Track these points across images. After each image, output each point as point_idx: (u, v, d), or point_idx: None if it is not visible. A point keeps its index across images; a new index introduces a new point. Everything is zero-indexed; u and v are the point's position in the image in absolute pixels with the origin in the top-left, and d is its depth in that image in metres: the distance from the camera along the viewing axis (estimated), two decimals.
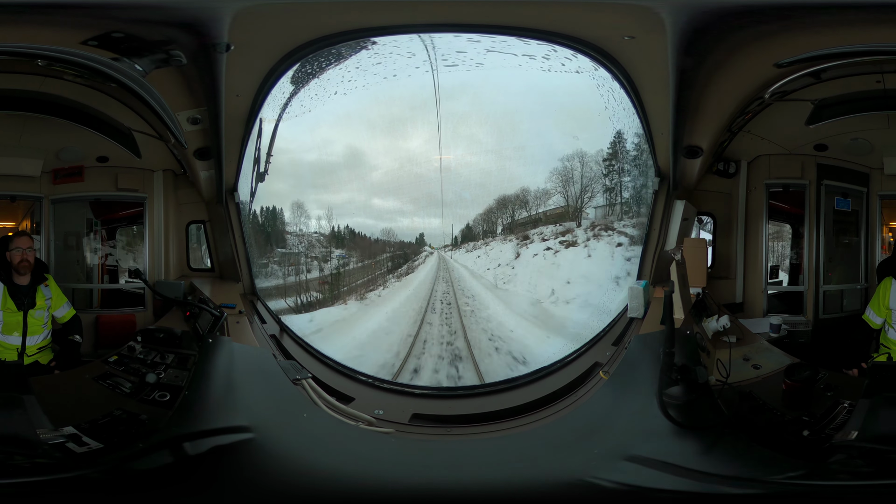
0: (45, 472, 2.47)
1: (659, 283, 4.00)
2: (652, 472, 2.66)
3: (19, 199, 3.93)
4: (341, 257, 6.26)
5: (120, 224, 4.31)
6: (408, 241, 6.36)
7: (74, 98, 3.67)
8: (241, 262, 4.30)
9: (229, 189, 4.10)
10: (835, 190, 4.01)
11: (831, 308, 4.09)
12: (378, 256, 6.47)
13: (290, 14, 3.22)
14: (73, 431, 2.72)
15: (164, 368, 3.26)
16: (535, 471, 2.81)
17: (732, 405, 3.09)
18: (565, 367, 3.95)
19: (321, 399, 3.23)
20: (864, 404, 2.79)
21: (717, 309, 3.86)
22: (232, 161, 3.97)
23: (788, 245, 4.32)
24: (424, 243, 6.47)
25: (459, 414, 3.64)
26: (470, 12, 3.42)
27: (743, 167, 4.09)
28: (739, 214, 4.15)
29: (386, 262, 6.54)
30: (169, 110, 3.37)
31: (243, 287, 4.33)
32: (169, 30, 3.00)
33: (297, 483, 2.58)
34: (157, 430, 2.79)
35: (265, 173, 4.22)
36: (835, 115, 3.77)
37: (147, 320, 4.05)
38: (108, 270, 4.29)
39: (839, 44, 3.08)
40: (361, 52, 3.99)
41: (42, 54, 3.01)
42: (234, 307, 3.83)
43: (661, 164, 4.01)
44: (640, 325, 3.80)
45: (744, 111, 3.73)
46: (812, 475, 2.56)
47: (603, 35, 3.49)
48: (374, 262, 6.45)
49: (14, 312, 3.55)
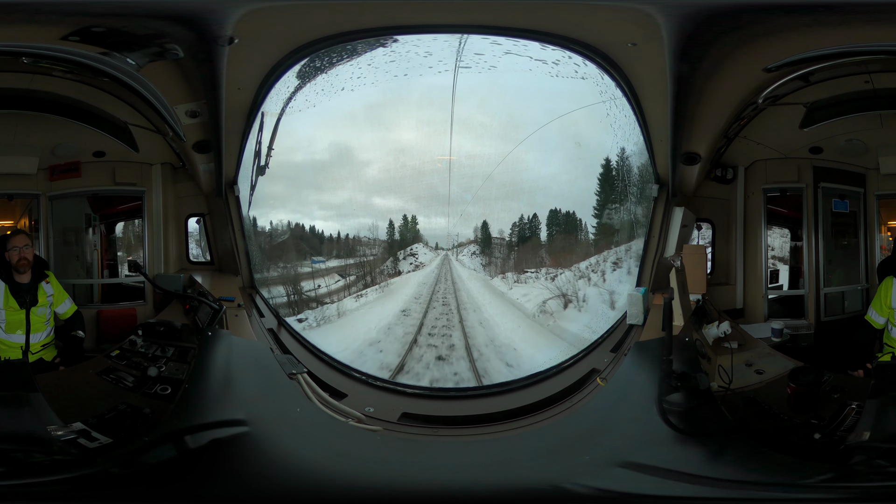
0: (65, 470, 2.53)
1: (658, 290, 3.98)
2: (649, 479, 2.66)
3: (16, 197, 3.93)
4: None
5: (119, 218, 4.30)
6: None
7: (67, 94, 3.68)
8: (240, 255, 4.30)
9: (229, 182, 4.12)
10: (832, 192, 4.04)
11: (833, 310, 4.07)
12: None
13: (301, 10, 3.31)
14: (83, 427, 2.75)
15: (165, 362, 3.27)
16: (518, 476, 2.81)
17: (737, 411, 3.06)
18: (561, 372, 3.91)
19: (315, 394, 3.22)
20: (872, 405, 2.78)
21: (717, 315, 3.83)
22: (232, 154, 3.99)
23: (788, 247, 4.32)
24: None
25: (449, 415, 3.61)
26: (484, 14, 3.54)
27: (740, 172, 4.12)
28: (738, 220, 4.16)
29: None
30: (167, 104, 3.41)
31: (242, 280, 4.32)
32: (165, 23, 3.07)
33: (285, 478, 2.60)
34: (160, 424, 2.82)
35: (266, 167, 4.25)
36: (827, 117, 3.83)
37: (148, 314, 4.03)
38: (108, 265, 4.27)
39: (823, 45, 3.17)
40: (378, 49, 4.04)
41: (26, 52, 3.07)
42: (233, 300, 3.84)
43: (660, 171, 4.06)
44: (640, 332, 3.78)
45: (739, 116, 3.79)
46: (839, 478, 2.56)
47: (611, 41, 3.61)
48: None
49: (17, 311, 3.54)
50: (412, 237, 6.00)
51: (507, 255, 6.02)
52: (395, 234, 5.91)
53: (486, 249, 6.06)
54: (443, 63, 4.28)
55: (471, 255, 6.15)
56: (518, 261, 5.92)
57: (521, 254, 5.90)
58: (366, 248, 5.96)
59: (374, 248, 6.00)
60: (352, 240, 5.87)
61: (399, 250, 6.07)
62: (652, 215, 4.14)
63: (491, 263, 6.07)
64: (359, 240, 5.90)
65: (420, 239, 6.08)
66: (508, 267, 5.93)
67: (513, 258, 5.98)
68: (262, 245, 4.94)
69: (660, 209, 4.09)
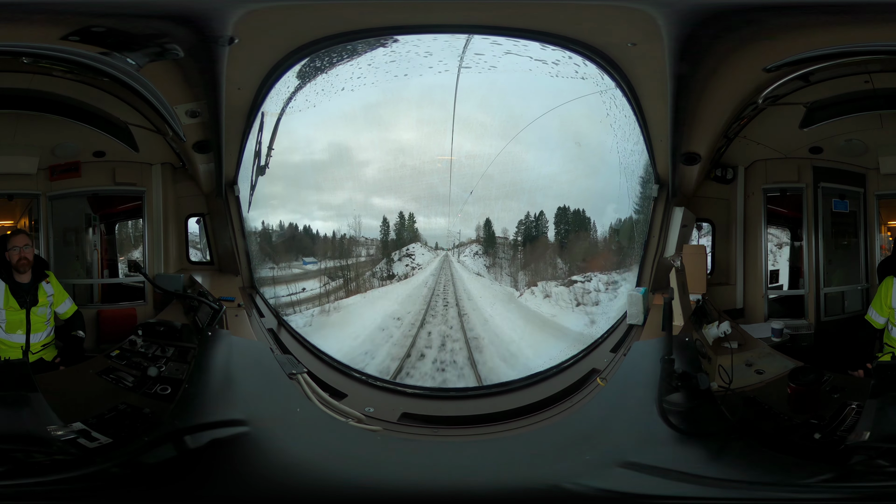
0: (65, 470, 2.55)
1: (658, 290, 3.98)
2: (649, 479, 2.68)
3: (16, 197, 3.92)
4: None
5: (119, 218, 4.29)
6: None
7: (67, 94, 3.69)
8: (240, 255, 4.29)
9: (229, 182, 4.12)
10: (832, 192, 4.03)
11: (833, 310, 4.06)
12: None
13: (301, 10, 3.32)
14: (82, 427, 2.76)
15: (165, 362, 3.28)
16: (518, 476, 2.82)
17: (737, 411, 3.07)
18: (561, 372, 3.90)
19: (315, 394, 3.22)
20: (872, 404, 2.80)
21: (717, 315, 3.84)
22: (232, 154, 4.00)
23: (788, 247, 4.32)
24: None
25: (449, 415, 3.61)
26: (484, 14, 3.54)
27: (740, 172, 4.11)
28: (738, 220, 4.15)
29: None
30: (167, 104, 3.42)
31: (242, 280, 4.32)
32: (165, 23, 3.08)
33: (285, 478, 2.60)
34: (160, 424, 2.84)
35: (266, 167, 4.25)
36: (827, 117, 3.83)
37: (148, 314, 4.02)
38: (108, 265, 4.26)
39: (823, 45, 3.17)
40: (378, 49, 4.03)
41: (26, 52, 3.08)
42: (233, 300, 3.84)
43: (660, 171, 4.06)
44: (640, 332, 3.79)
45: (739, 116, 3.79)
46: (839, 478, 2.58)
47: (611, 41, 3.61)
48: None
49: (17, 311, 3.54)
50: (410, 236, 5.55)
51: (512, 256, 5.32)
52: (391, 233, 5.46)
53: (490, 249, 5.46)
54: (443, 63, 4.28)
55: (473, 255, 5.49)
56: (545, 265, 4.82)
57: (530, 254, 5.09)
58: (362, 249, 5.49)
59: (368, 247, 5.49)
60: (347, 240, 5.46)
61: (394, 250, 5.56)
62: (652, 215, 4.14)
63: (495, 265, 5.33)
64: (355, 240, 5.49)
65: (419, 238, 5.59)
66: (537, 273, 4.69)
67: (519, 259, 5.19)
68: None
69: (660, 209, 4.08)
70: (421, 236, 5.42)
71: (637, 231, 4.45)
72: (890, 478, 2.55)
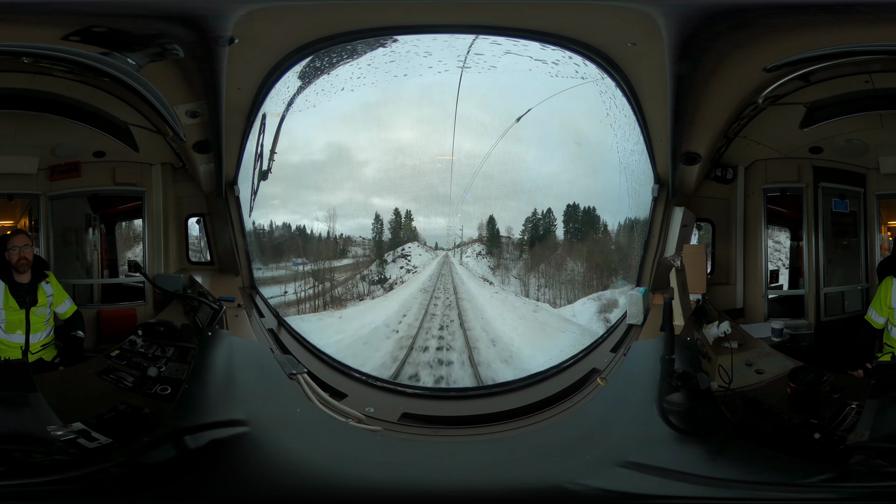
0: (65, 470, 2.54)
1: (658, 290, 3.99)
2: (649, 479, 2.68)
3: (16, 197, 3.93)
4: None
5: (119, 218, 4.29)
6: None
7: (67, 94, 3.69)
8: (240, 255, 4.29)
9: (229, 182, 4.12)
10: (832, 192, 4.03)
11: (833, 310, 4.07)
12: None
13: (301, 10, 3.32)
14: (82, 427, 2.76)
15: (165, 362, 3.28)
16: (518, 476, 2.82)
17: (737, 411, 3.07)
18: (561, 372, 3.90)
19: (315, 394, 3.22)
20: (871, 404, 2.80)
21: (717, 315, 3.84)
22: (232, 155, 4.00)
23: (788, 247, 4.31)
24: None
25: (449, 415, 3.61)
26: (484, 14, 3.54)
27: (740, 172, 4.11)
28: (738, 220, 4.16)
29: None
30: (167, 104, 3.42)
31: (242, 280, 4.32)
32: (165, 23, 3.09)
33: (285, 477, 2.60)
34: (160, 424, 2.84)
35: (268, 168, 4.25)
36: (827, 117, 3.83)
37: (148, 314, 4.03)
38: (108, 265, 4.27)
39: (823, 45, 3.18)
40: (378, 49, 4.03)
41: (26, 52, 3.08)
42: (233, 300, 3.84)
43: (660, 171, 4.06)
44: (640, 332, 3.79)
45: (739, 116, 3.79)
46: (839, 478, 2.58)
47: (610, 41, 3.61)
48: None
49: (16, 311, 3.55)
50: (407, 235, 5.31)
51: (518, 257, 5.22)
52: (385, 232, 5.28)
53: (494, 249, 5.24)
54: (442, 63, 4.28)
55: (476, 255, 5.27)
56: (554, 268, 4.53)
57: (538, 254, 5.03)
58: (358, 249, 5.41)
59: (361, 248, 5.38)
60: (344, 239, 5.40)
61: (388, 251, 5.34)
62: (652, 215, 4.14)
63: (500, 266, 5.14)
64: (351, 239, 5.43)
65: (417, 237, 5.40)
66: (548, 276, 4.36)
67: (526, 259, 5.09)
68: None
69: (660, 209, 4.08)
70: (420, 236, 5.34)
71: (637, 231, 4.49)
72: (890, 478, 2.54)
